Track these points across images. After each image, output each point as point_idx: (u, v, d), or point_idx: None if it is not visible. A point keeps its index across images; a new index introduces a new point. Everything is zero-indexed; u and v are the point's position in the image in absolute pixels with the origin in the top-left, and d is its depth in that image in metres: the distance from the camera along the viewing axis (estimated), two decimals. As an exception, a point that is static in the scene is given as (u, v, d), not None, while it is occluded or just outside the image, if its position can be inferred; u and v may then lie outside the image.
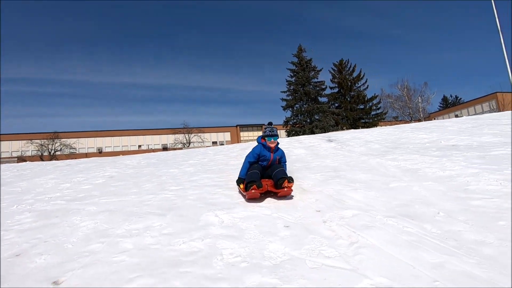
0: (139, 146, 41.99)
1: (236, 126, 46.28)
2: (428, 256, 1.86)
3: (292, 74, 33.36)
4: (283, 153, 3.95)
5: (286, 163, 4.05)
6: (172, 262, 1.96)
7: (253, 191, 3.23)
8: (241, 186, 3.56)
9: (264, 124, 44.85)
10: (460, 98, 62.28)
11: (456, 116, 40.53)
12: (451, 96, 65.57)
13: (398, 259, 1.87)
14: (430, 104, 41.04)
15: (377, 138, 8.60)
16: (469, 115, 37.56)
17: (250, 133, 46.08)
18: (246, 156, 3.77)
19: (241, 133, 45.81)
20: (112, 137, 41.75)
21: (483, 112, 39.23)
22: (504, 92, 37.63)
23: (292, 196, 3.48)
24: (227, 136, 45.47)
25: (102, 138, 41.34)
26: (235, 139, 44.10)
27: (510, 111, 13.76)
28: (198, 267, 1.87)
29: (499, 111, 32.28)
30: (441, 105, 62.78)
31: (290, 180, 3.37)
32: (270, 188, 3.44)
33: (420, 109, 37.30)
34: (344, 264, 1.86)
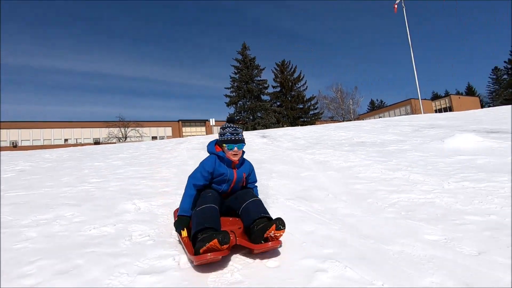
0: (66, 140, 37.61)
1: (178, 121, 44.86)
2: (306, 226, 2.32)
3: (236, 71, 33.81)
4: (251, 167, 2.43)
5: (257, 184, 2.53)
6: (79, 245, 2.04)
7: (209, 255, 1.63)
8: (183, 234, 1.96)
9: (207, 120, 43.62)
10: (384, 102, 71.30)
11: (380, 117, 46.02)
12: (377, 100, 74.60)
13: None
14: (360, 107, 46.08)
15: (305, 135, 9.46)
16: (390, 117, 43.16)
17: (193, 129, 45.18)
18: (190, 176, 2.19)
19: (184, 129, 44.60)
20: (31, 129, 36.37)
21: (400, 115, 45.42)
22: (415, 99, 44.15)
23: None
24: (168, 131, 43.75)
25: (17, 130, 35.72)
26: (177, 135, 42.73)
27: (415, 115, 16.40)
28: (104, 247, 2.00)
29: (413, 114, 37.91)
30: (369, 108, 70.82)
31: (280, 225, 1.84)
32: (241, 241, 1.86)
33: (351, 111, 41.47)
34: (240, 236, 2.19)
